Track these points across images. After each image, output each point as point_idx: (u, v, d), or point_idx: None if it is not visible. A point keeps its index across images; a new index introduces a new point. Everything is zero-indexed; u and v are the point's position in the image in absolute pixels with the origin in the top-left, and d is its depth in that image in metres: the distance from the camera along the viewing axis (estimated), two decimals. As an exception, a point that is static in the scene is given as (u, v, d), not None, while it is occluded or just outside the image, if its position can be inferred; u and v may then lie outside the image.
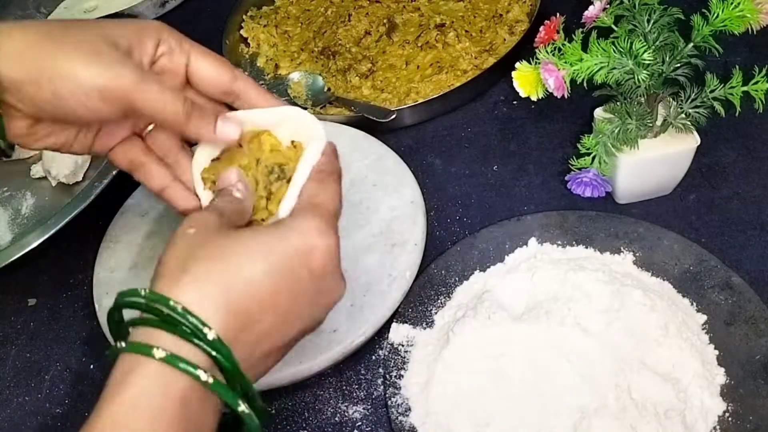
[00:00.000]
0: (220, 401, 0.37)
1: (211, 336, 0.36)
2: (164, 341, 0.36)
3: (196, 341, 0.36)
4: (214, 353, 0.36)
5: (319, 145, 0.46)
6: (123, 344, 0.37)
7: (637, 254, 0.60)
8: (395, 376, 0.56)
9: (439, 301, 0.60)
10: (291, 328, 0.41)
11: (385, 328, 0.58)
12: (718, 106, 0.56)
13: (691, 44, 0.56)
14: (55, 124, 0.46)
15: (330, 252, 0.42)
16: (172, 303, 0.36)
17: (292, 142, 0.47)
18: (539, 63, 0.57)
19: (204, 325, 0.36)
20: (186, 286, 0.37)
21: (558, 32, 0.59)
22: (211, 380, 0.36)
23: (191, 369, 0.35)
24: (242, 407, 0.37)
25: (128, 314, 0.40)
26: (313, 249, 0.41)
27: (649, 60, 0.54)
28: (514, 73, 0.59)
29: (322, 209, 0.43)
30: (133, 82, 0.42)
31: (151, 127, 0.49)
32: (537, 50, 0.58)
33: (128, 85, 0.42)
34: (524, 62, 0.59)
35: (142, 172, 0.49)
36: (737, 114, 0.55)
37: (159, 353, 0.35)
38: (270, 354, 0.41)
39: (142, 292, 0.38)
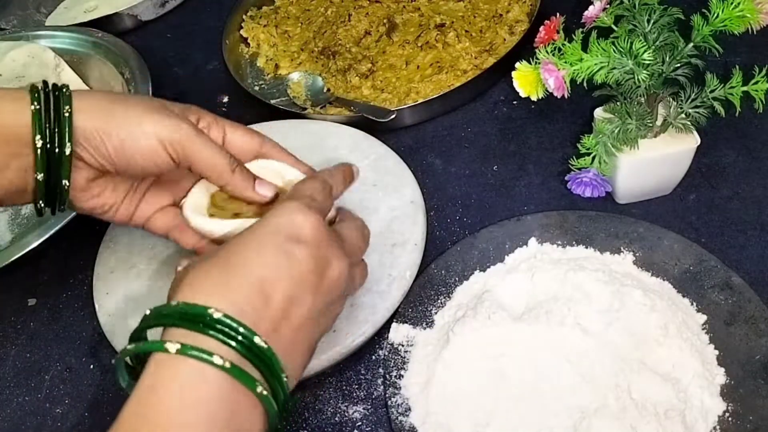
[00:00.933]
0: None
1: (217, 315, 0.38)
2: (183, 337, 0.38)
3: (210, 331, 0.38)
4: (230, 334, 0.38)
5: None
6: (131, 346, 0.39)
7: (637, 254, 0.60)
8: (395, 376, 0.56)
9: (439, 301, 0.60)
10: (306, 305, 0.42)
11: (385, 328, 0.58)
12: (718, 106, 0.56)
13: (691, 44, 0.56)
14: (111, 181, 0.53)
15: (314, 223, 0.43)
16: (210, 310, 0.38)
17: None
18: (539, 63, 0.57)
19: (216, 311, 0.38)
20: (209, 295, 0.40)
21: (558, 32, 0.59)
22: (228, 365, 0.36)
23: (205, 356, 0.36)
24: (260, 389, 0.38)
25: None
26: (295, 221, 0.43)
27: (649, 60, 0.54)
28: (514, 73, 0.59)
29: (299, 194, 0.46)
30: (190, 135, 0.49)
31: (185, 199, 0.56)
32: (537, 50, 0.58)
33: (186, 136, 0.49)
34: (524, 62, 0.59)
35: (177, 233, 0.56)
36: (737, 114, 0.55)
37: (173, 346, 0.37)
38: (301, 331, 0.42)
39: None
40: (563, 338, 0.54)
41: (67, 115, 0.48)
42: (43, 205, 0.51)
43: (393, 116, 0.73)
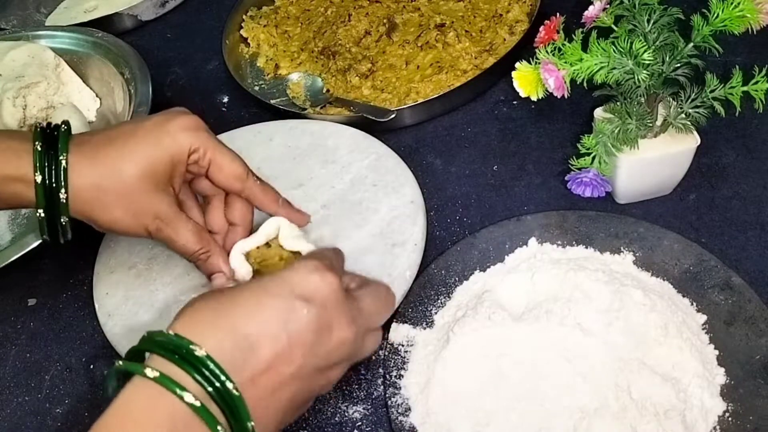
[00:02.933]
0: None
1: (199, 353, 0.39)
2: (162, 366, 0.38)
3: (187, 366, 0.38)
4: (205, 374, 0.38)
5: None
6: (120, 363, 0.39)
7: (637, 254, 0.60)
8: (395, 376, 0.56)
9: (439, 301, 0.60)
10: (295, 364, 0.42)
11: (385, 328, 0.58)
12: (718, 106, 0.56)
13: (691, 44, 0.56)
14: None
15: (331, 286, 0.43)
16: (190, 346, 0.39)
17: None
18: (539, 63, 0.57)
19: (196, 346, 0.39)
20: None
21: (558, 32, 0.59)
22: (198, 403, 0.37)
23: (178, 390, 0.37)
24: (221, 430, 0.38)
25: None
26: (310, 280, 0.43)
27: (649, 60, 0.54)
28: (514, 73, 0.59)
29: (318, 255, 0.47)
30: (167, 219, 0.54)
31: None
32: (537, 50, 0.58)
33: (165, 220, 0.54)
34: (524, 62, 0.59)
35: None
36: (737, 114, 0.55)
37: (152, 373, 0.38)
38: (283, 388, 0.42)
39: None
40: (563, 338, 0.54)
41: (63, 164, 0.51)
42: (47, 238, 0.54)
43: (393, 116, 0.73)
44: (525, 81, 0.59)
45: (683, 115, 0.58)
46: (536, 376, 0.53)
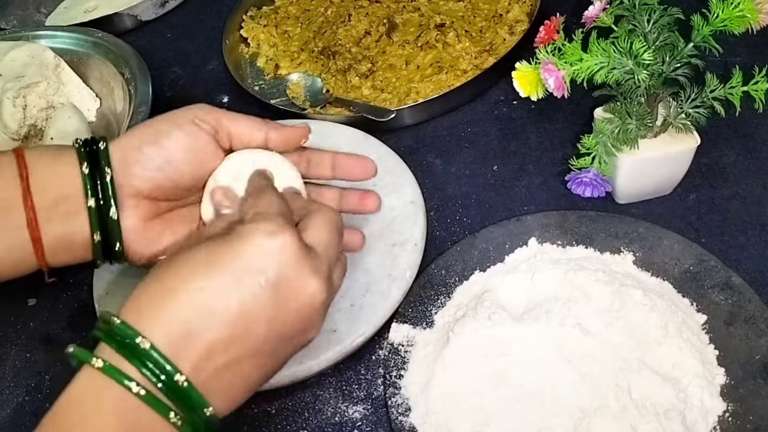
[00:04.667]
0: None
1: (144, 345, 0.38)
2: (110, 356, 0.38)
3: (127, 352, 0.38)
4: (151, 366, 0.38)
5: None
6: (71, 349, 0.39)
7: (637, 254, 0.60)
8: (395, 376, 0.56)
9: (439, 301, 0.60)
10: (254, 338, 0.41)
11: (385, 328, 0.58)
12: (718, 106, 0.56)
13: (691, 44, 0.56)
14: (167, 222, 0.51)
15: (284, 246, 0.41)
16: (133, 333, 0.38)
17: None
18: (539, 63, 0.57)
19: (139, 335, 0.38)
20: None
21: (558, 32, 0.59)
22: (143, 392, 0.37)
23: (125, 381, 0.37)
24: (174, 418, 0.38)
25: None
26: (262, 252, 0.41)
27: (649, 60, 0.54)
28: (514, 73, 0.59)
29: (273, 213, 0.44)
30: (217, 110, 0.51)
31: None
32: (537, 50, 0.58)
33: (215, 111, 0.50)
34: (524, 62, 0.59)
35: None
36: (737, 114, 0.55)
37: (98, 362, 0.37)
38: (241, 364, 0.41)
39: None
40: (563, 338, 0.54)
41: (108, 179, 0.48)
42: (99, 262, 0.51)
43: (393, 116, 0.73)
44: (525, 81, 0.59)
45: (683, 115, 0.58)
46: (536, 376, 0.53)
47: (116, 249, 0.49)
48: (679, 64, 0.57)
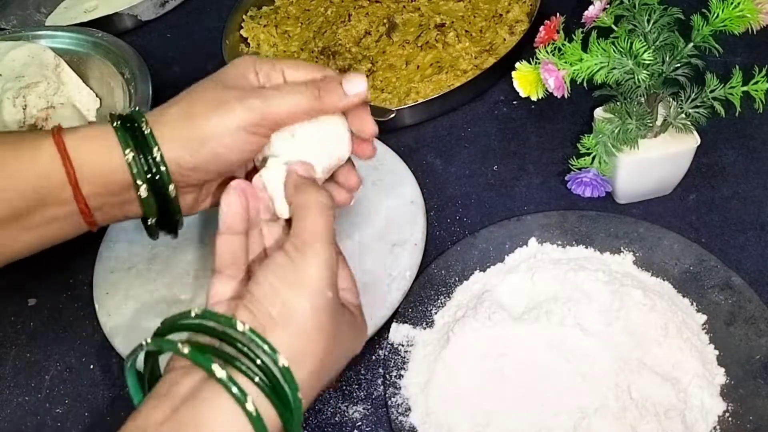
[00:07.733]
0: None
1: (280, 363, 0.39)
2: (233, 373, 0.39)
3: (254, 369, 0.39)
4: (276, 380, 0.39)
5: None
6: (186, 350, 0.39)
7: (637, 254, 0.60)
8: (395, 376, 0.56)
9: (439, 301, 0.60)
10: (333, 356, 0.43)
11: (385, 328, 0.58)
12: (718, 106, 0.56)
13: (691, 44, 0.56)
14: (214, 181, 0.52)
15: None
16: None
17: None
18: (539, 63, 0.57)
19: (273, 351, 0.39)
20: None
21: (558, 32, 0.59)
22: (254, 412, 0.38)
23: (241, 397, 0.38)
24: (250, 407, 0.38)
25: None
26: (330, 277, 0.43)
27: (649, 60, 0.54)
28: (514, 73, 0.59)
29: (322, 234, 0.44)
30: (260, 105, 0.48)
31: None
32: (537, 50, 0.58)
33: (258, 109, 0.47)
34: (524, 62, 0.59)
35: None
36: (737, 114, 0.55)
37: (220, 372, 0.38)
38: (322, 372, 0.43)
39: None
40: (563, 338, 0.54)
41: (158, 158, 0.48)
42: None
43: (392, 115, 0.73)
44: (525, 81, 0.59)
45: (683, 115, 0.58)
46: (536, 376, 0.53)
47: (175, 218, 0.51)
48: (679, 64, 0.57)
